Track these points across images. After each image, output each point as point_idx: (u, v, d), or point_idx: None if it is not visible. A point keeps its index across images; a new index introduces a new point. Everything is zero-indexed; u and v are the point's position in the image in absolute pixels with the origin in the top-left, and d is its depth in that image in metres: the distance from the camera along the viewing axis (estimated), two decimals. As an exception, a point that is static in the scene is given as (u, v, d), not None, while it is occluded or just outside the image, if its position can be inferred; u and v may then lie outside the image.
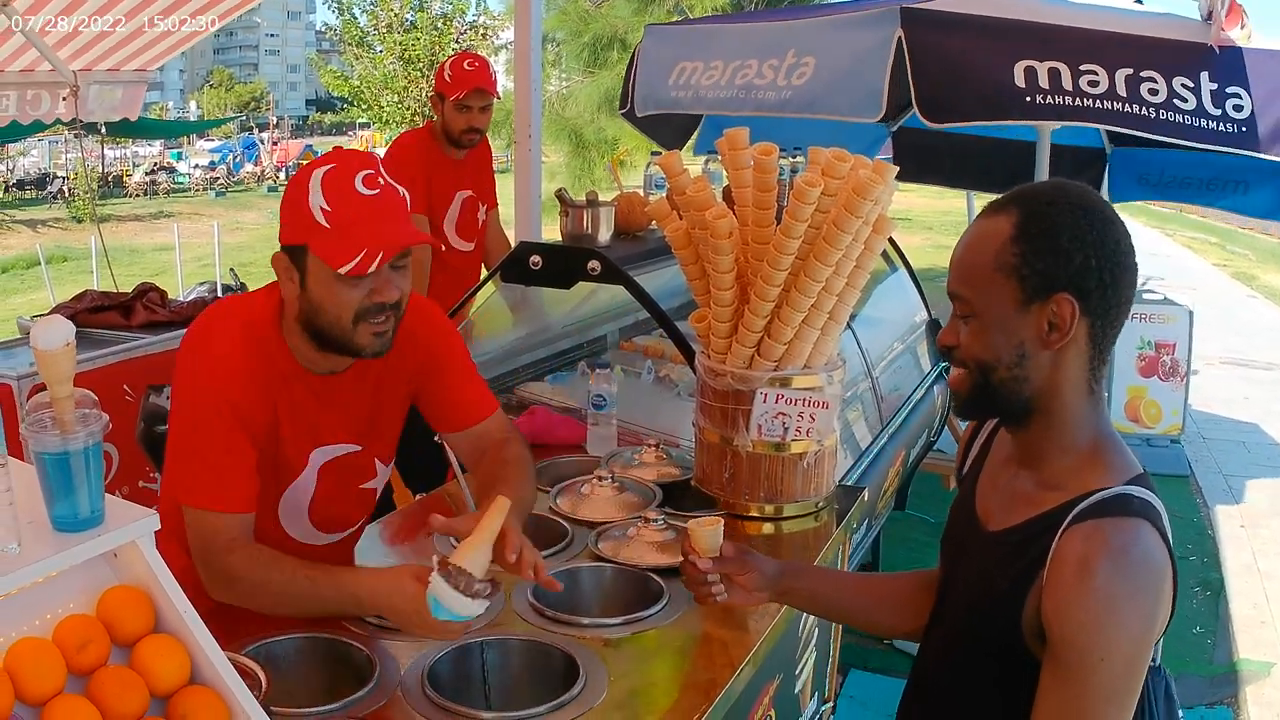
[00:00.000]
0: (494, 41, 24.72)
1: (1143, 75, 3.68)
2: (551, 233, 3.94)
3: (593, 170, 10.99)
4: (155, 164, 38.24)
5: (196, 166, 39.47)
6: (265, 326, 2.08)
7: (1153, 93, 3.65)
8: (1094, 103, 3.66)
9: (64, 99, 6.73)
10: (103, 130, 8.18)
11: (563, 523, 2.57)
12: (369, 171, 1.94)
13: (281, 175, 41.01)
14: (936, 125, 3.85)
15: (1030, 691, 1.50)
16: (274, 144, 46.72)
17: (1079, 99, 3.66)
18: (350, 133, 57.14)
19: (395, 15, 24.89)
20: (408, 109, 24.52)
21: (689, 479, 2.81)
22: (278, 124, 58.34)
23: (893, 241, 5.13)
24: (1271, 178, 5.67)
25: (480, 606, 1.74)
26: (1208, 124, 3.66)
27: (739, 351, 2.58)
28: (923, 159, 6.87)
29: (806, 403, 2.59)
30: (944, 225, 21.88)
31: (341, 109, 40.51)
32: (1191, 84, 3.69)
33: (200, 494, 2.02)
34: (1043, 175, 5.04)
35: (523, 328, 4.17)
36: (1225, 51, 3.79)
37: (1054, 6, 4.21)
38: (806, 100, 4.24)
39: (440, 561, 1.74)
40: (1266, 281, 17.21)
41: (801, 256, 2.47)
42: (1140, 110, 3.64)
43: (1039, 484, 1.58)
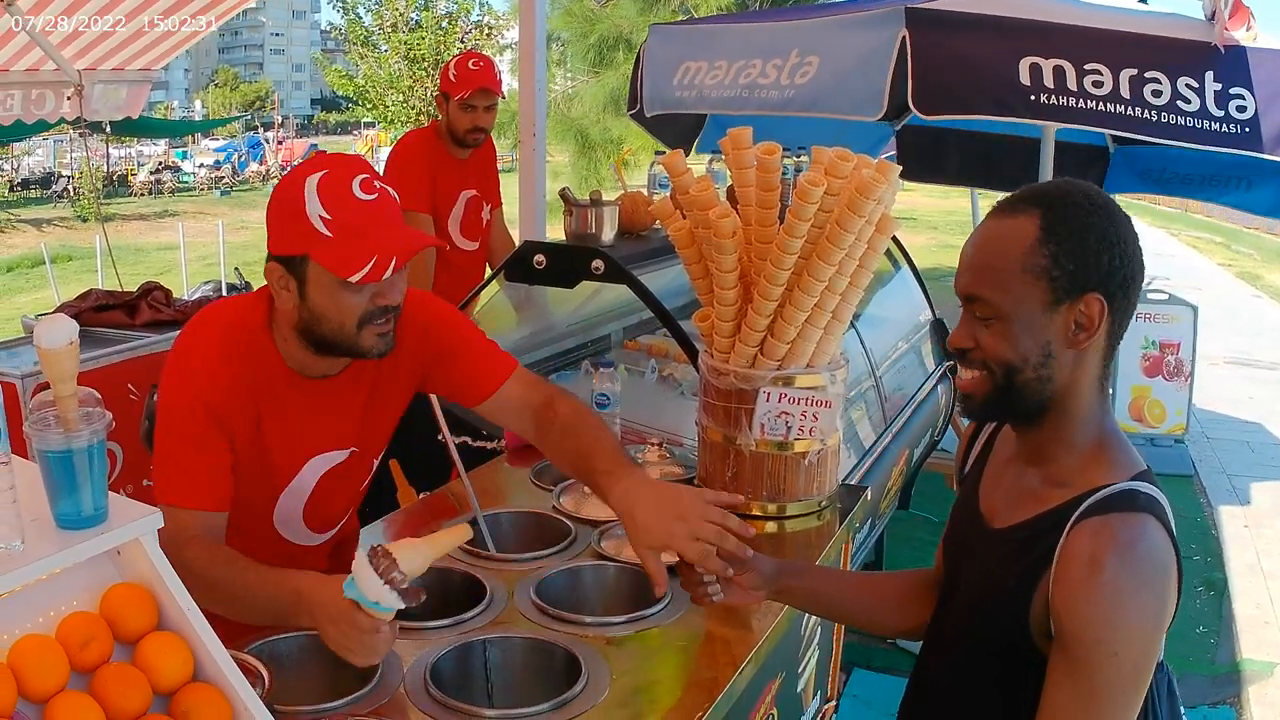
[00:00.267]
0: (499, 41, 24.78)
1: (1147, 76, 3.68)
2: (556, 232, 3.94)
3: (598, 170, 11.00)
4: (160, 163, 38.23)
5: (201, 166, 39.46)
6: (253, 331, 2.05)
7: (1156, 94, 3.66)
8: (1098, 105, 3.67)
9: (68, 98, 6.74)
10: (107, 129, 8.18)
11: (566, 521, 2.57)
12: (364, 176, 1.91)
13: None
14: (931, 118, 3.84)
15: (1032, 691, 1.50)
16: (279, 143, 46.74)
17: (1083, 100, 3.67)
18: (355, 132, 57.16)
19: (400, 14, 24.96)
20: (413, 108, 24.58)
21: (692, 478, 2.81)
22: (283, 123, 58.40)
23: (897, 241, 5.13)
24: (1274, 176, 5.66)
25: (393, 599, 1.62)
26: (1210, 125, 3.66)
27: (742, 351, 2.58)
28: (927, 157, 6.88)
29: (809, 402, 2.59)
30: (949, 225, 21.89)
31: (346, 108, 40.51)
32: (1196, 84, 3.69)
33: (170, 491, 1.97)
34: (1047, 173, 5.05)
35: (527, 327, 4.17)
36: (1230, 51, 3.79)
37: (1061, 6, 4.21)
38: (809, 99, 4.24)
39: (372, 546, 1.66)
40: (1271, 281, 17.19)
41: (804, 256, 2.47)
42: (1143, 113, 3.65)
43: (1045, 481, 1.59)
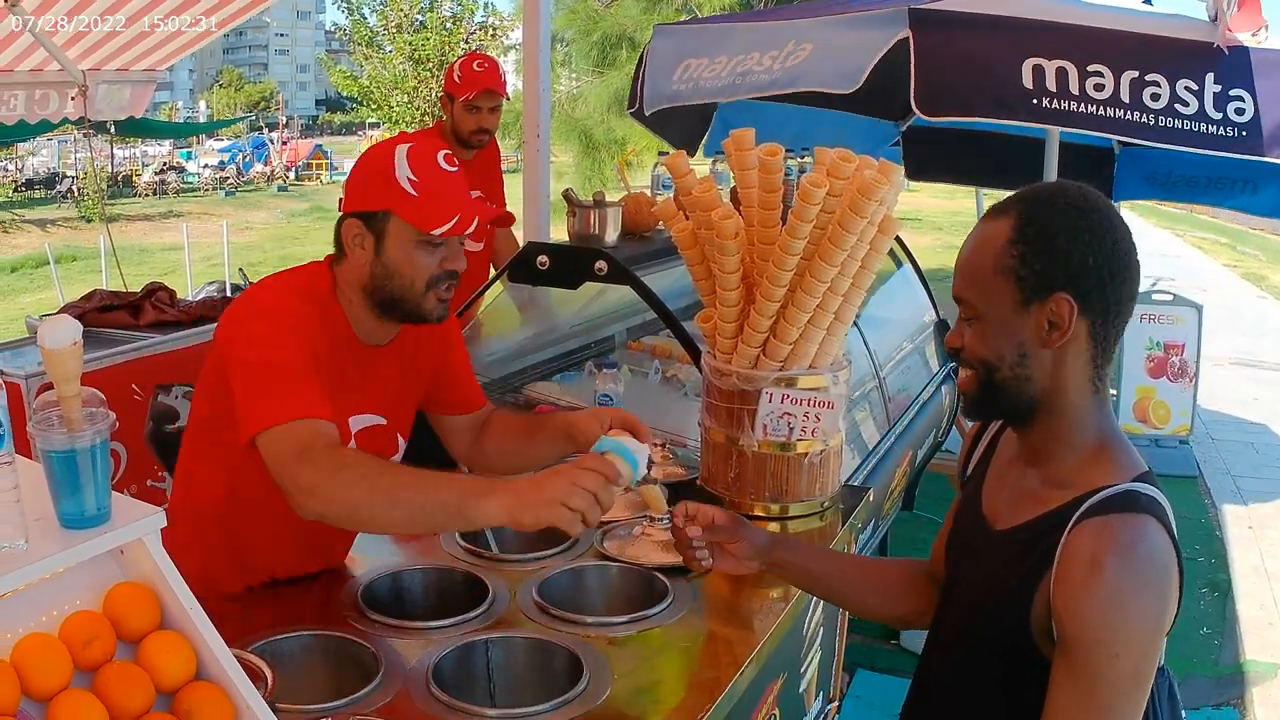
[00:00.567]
0: (504, 42, 24.80)
1: (1147, 79, 3.68)
2: (560, 233, 3.94)
3: (602, 170, 10.99)
4: (164, 164, 38.28)
5: (206, 166, 39.47)
6: (321, 294, 2.13)
7: (1154, 98, 3.66)
8: (1097, 109, 3.67)
9: (72, 99, 6.74)
10: (111, 130, 8.20)
11: (568, 522, 2.57)
12: (446, 153, 2.10)
13: (291, 175, 41.04)
14: (934, 119, 3.84)
15: (1034, 692, 1.50)
16: (283, 144, 46.73)
17: (1083, 104, 3.67)
18: (360, 133, 57.22)
19: (405, 15, 24.99)
20: (417, 109, 24.61)
21: (695, 478, 2.82)
22: (287, 124, 58.34)
23: (901, 242, 5.14)
24: (1279, 178, 5.66)
25: (645, 454, 1.87)
26: (1207, 128, 3.66)
27: (744, 351, 2.59)
28: (932, 157, 6.88)
29: (812, 403, 2.59)
30: (953, 226, 21.86)
31: (351, 109, 40.55)
32: (1195, 86, 3.69)
33: (290, 408, 1.89)
34: (1051, 173, 5.05)
35: (530, 328, 4.17)
36: (1233, 52, 3.78)
37: (1064, 6, 4.20)
38: (791, 77, 4.25)
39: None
40: (1276, 282, 17.16)
41: (806, 257, 2.47)
42: (1142, 118, 3.65)
43: (1046, 482, 1.59)
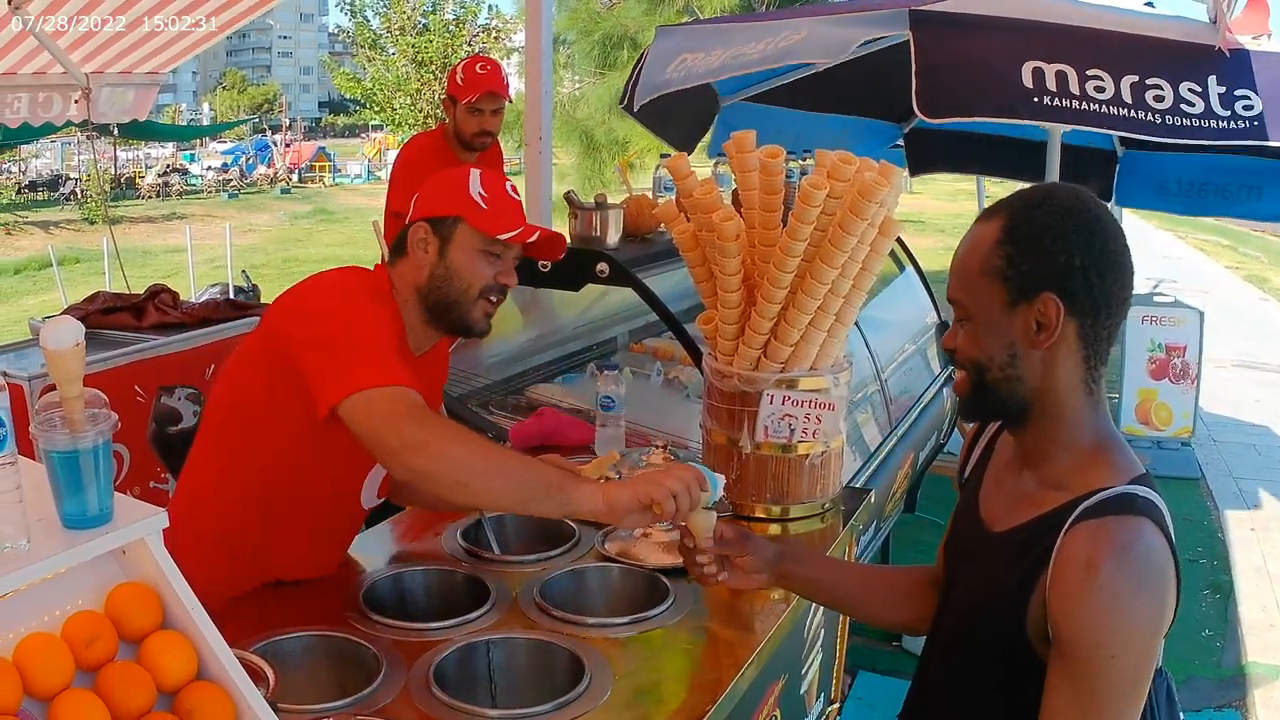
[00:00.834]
0: (507, 44, 24.79)
1: (1148, 83, 3.66)
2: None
3: (603, 172, 10.99)
4: (168, 166, 38.22)
5: (209, 168, 39.44)
6: (384, 294, 2.21)
7: (1158, 99, 3.64)
8: (1101, 107, 3.65)
9: (75, 101, 6.75)
10: (115, 132, 8.21)
11: (570, 523, 2.57)
12: (512, 185, 2.27)
13: (294, 177, 41.02)
14: (936, 121, 3.84)
15: (1033, 695, 1.50)
16: (287, 146, 46.65)
17: (1086, 103, 3.65)
18: (363, 135, 57.21)
19: (407, 18, 24.99)
20: (420, 111, 24.61)
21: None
22: (290, 126, 58.30)
23: (903, 244, 5.14)
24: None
25: (722, 483, 1.94)
26: (1216, 124, 3.63)
27: (745, 353, 2.59)
28: (934, 154, 6.88)
29: (813, 404, 2.59)
30: (955, 228, 21.83)
31: (354, 111, 40.61)
32: (1199, 88, 3.67)
33: (386, 375, 1.94)
34: (1053, 176, 5.04)
35: (532, 329, 4.18)
36: (1234, 55, 3.77)
37: (1064, 6, 4.20)
38: (781, 54, 4.24)
39: None
40: (1278, 285, 17.15)
41: (807, 259, 2.47)
42: (1146, 116, 3.62)
43: (1041, 484, 1.59)
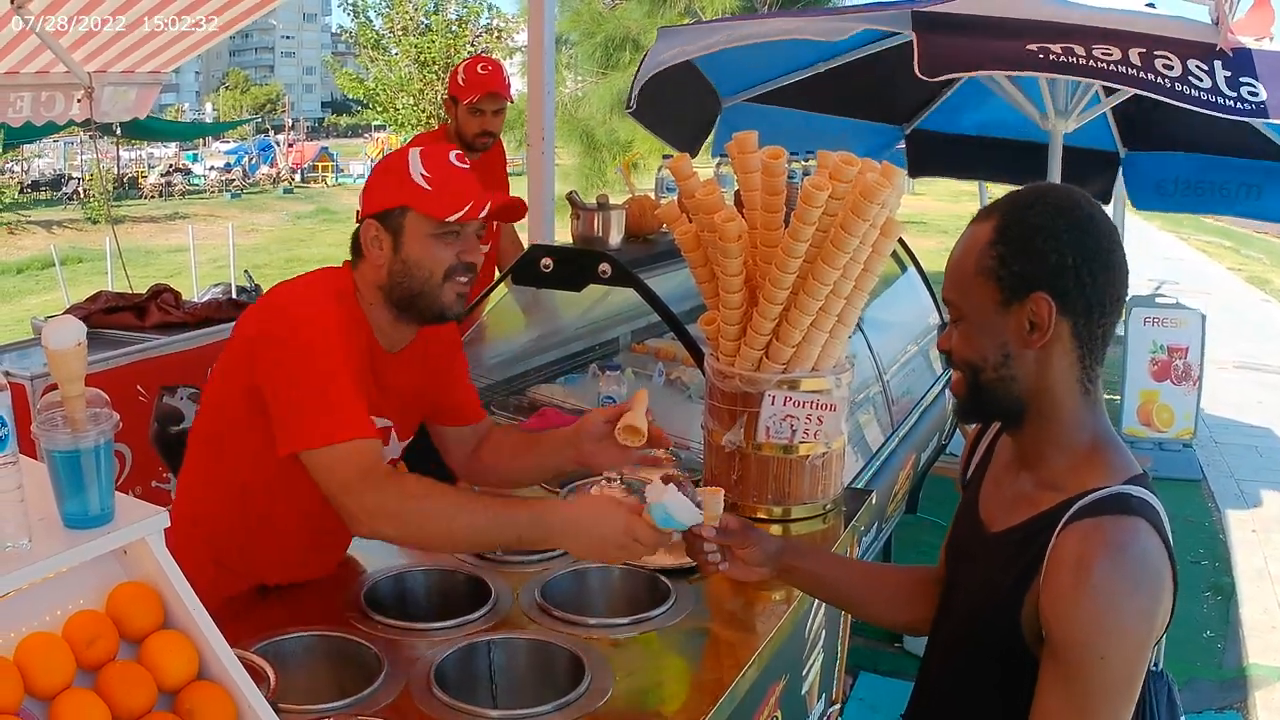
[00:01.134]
0: (509, 44, 24.78)
1: (1157, 54, 3.65)
2: (565, 236, 3.95)
3: (604, 172, 11.00)
4: (170, 166, 38.22)
5: (212, 168, 39.41)
6: (348, 298, 2.17)
7: (1168, 67, 3.62)
8: (1110, 66, 3.61)
9: (78, 100, 6.74)
10: (118, 131, 8.20)
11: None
12: (459, 152, 2.18)
13: (297, 177, 41.02)
14: (935, 78, 3.81)
15: (1030, 696, 1.50)
16: (289, 146, 46.69)
17: (1093, 61, 3.62)
18: (366, 135, 57.19)
19: (410, 18, 24.98)
20: (423, 111, 24.60)
21: (698, 481, 2.82)
22: (293, 126, 58.39)
23: (906, 245, 5.13)
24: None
25: (700, 515, 1.84)
26: (1223, 100, 3.60)
27: (747, 354, 2.59)
28: (935, 158, 6.88)
29: (814, 405, 2.59)
30: (958, 229, 21.41)
31: (357, 111, 40.51)
32: (1206, 67, 3.66)
33: (348, 426, 1.97)
34: (1055, 177, 5.04)
35: (535, 330, 4.17)
36: (1237, 53, 3.78)
37: (1065, 7, 4.20)
38: (778, 31, 4.26)
39: (664, 477, 1.88)
40: (1281, 286, 17.14)
41: (809, 260, 2.47)
42: (1157, 79, 3.59)
43: (1038, 484, 1.59)
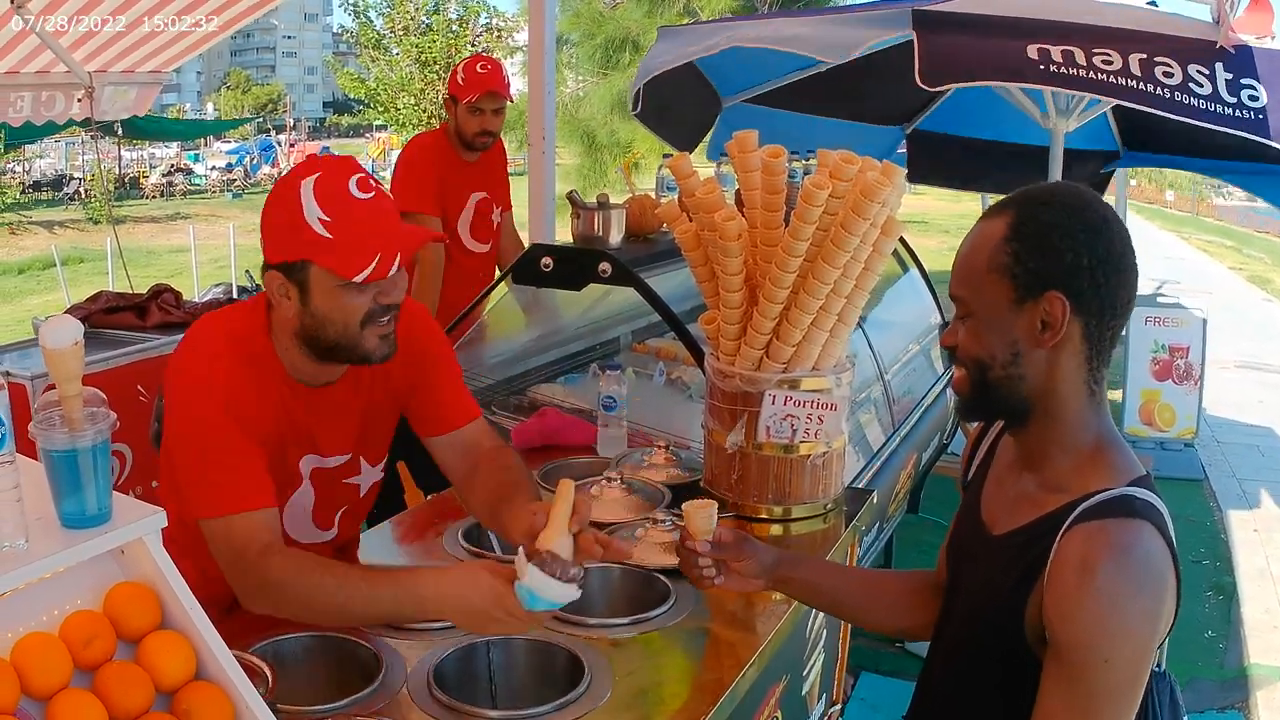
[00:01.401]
0: (509, 43, 24.80)
1: (1157, 60, 3.64)
2: (566, 235, 3.95)
3: (605, 171, 11.01)
4: (172, 165, 38.17)
5: (213, 168, 39.38)
6: (254, 338, 2.04)
7: (1167, 75, 3.61)
8: (1109, 78, 3.61)
9: (79, 100, 6.75)
10: (119, 131, 8.20)
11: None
12: (360, 175, 1.90)
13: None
14: (935, 87, 3.80)
15: (1033, 697, 1.49)
16: (291, 146, 46.69)
17: (1094, 73, 3.62)
18: (367, 135, 57.18)
19: (411, 18, 25.01)
20: (424, 111, 24.65)
21: (698, 480, 2.82)
22: (295, 126, 58.43)
23: (907, 244, 5.13)
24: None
25: (575, 592, 1.67)
26: (1223, 110, 3.60)
27: (747, 353, 2.58)
28: (936, 164, 6.87)
29: (815, 405, 2.59)
30: (960, 229, 21.76)
31: (358, 111, 40.58)
32: (1206, 71, 3.65)
33: (222, 501, 1.89)
34: (1055, 176, 5.04)
35: (535, 329, 4.17)
36: (1239, 51, 3.77)
37: (1066, 5, 4.20)
38: (782, 39, 4.24)
39: (529, 551, 1.67)
40: (1283, 285, 17.14)
41: (809, 259, 2.47)
42: (1155, 90, 3.59)
43: (1041, 485, 1.58)
